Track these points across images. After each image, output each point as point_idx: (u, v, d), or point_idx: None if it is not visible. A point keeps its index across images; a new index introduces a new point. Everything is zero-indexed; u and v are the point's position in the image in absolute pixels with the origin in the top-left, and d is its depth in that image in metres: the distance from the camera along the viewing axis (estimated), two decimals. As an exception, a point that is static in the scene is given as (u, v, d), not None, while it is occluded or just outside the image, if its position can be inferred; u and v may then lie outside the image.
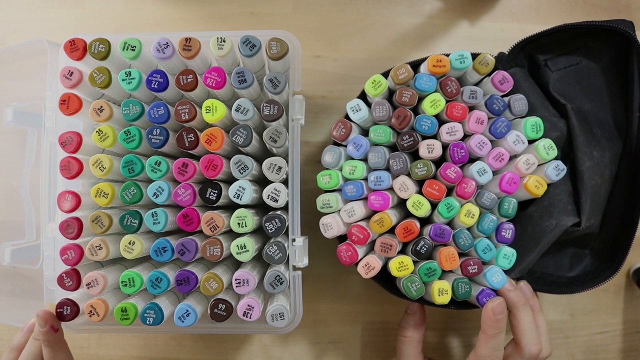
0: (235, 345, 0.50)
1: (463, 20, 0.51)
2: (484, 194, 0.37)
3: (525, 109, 0.37)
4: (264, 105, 0.35)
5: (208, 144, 0.34)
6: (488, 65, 0.37)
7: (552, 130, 0.39)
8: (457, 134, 0.36)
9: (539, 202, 0.40)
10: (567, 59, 0.42)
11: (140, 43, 0.35)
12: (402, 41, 0.51)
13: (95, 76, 0.35)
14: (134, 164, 0.35)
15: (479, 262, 0.37)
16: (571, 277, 0.43)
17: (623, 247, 0.41)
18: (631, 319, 0.51)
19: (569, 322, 0.51)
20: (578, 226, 0.39)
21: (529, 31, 0.41)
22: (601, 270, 0.42)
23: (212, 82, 0.34)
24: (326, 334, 0.50)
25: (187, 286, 0.35)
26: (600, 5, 0.51)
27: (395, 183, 0.37)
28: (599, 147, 0.40)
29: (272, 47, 0.35)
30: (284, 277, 0.36)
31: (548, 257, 0.43)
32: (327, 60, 0.51)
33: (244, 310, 0.35)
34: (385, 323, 0.50)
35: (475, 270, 0.37)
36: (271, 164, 0.36)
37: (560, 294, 0.42)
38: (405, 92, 0.36)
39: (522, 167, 0.37)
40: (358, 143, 0.37)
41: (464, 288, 0.37)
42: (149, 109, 0.34)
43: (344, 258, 0.37)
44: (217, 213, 0.35)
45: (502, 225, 0.38)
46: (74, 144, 0.34)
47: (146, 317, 0.34)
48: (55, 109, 0.38)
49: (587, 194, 0.38)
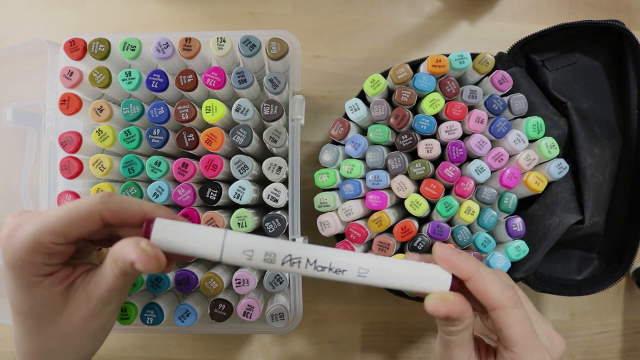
0: (235, 345, 0.50)
1: (463, 20, 0.51)
2: (484, 189, 0.37)
3: (525, 108, 0.37)
4: (264, 105, 0.35)
5: (208, 144, 0.34)
6: (488, 64, 0.37)
7: (553, 128, 0.39)
8: (455, 133, 0.36)
9: (541, 201, 0.40)
10: (564, 59, 0.42)
11: (140, 43, 0.35)
12: (402, 41, 0.51)
13: (95, 76, 0.35)
14: (134, 164, 0.35)
15: (479, 254, 0.37)
16: (580, 280, 0.43)
17: (632, 247, 0.41)
18: (631, 319, 0.51)
19: (569, 322, 0.51)
20: (581, 223, 0.39)
21: (528, 31, 0.41)
22: (610, 272, 0.42)
23: (212, 82, 0.34)
24: (326, 334, 0.50)
25: (187, 286, 0.35)
26: (600, 5, 0.51)
27: (393, 182, 0.37)
28: (599, 145, 0.40)
29: (272, 47, 0.35)
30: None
31: (555, 262, 0.43)
32: (327, 60, 0.51)
33: (244, 310, 0.35)
34: (385, 323, 0.50)
35: None
36: (271, 164, 0.36)
37: (571, 296, 0.42)
38: (405, 92, 0.36)
39: (523, 163, 0.37)
40: (356, 142, 0.37)
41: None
42: (149, 109, 0.35)
43: (343, 257, 0.37)
44: (217, 213, 0.35)
45: (510, 220, 0.38)
46: (74, 144, 0.34)
47: (146, 317, 0.34)
48: (55, 109, 0.38)
49: (590, 191, 0.38)
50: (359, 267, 0.25)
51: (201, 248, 0.25)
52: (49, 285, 0.26)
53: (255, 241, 0.25)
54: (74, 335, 0.27)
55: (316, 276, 0.26)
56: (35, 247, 0.25)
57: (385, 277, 0.26)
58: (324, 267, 0.25)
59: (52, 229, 0.25)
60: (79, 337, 0.27)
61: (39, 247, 0.25)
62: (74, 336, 0.27)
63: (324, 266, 0.25)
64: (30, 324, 0.27)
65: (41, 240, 0.25)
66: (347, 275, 0.25)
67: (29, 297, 0.26)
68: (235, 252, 0.25)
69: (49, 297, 0.26)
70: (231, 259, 0.25)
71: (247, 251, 0.25)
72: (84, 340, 0.28)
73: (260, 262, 0.25)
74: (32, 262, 0.25)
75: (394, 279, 0.26)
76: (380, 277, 0.26)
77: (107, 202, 0.26)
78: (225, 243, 0.25)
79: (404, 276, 0.26)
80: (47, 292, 0.26)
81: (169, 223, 0.26)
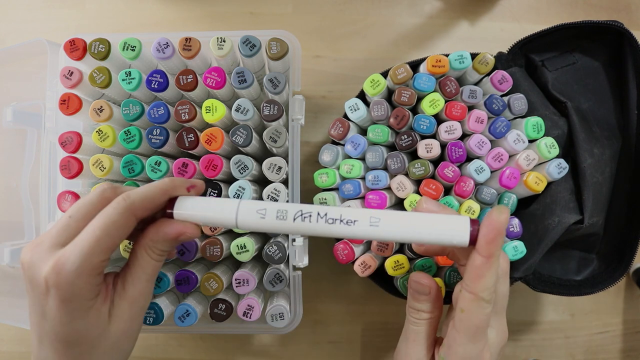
0: (235, 345, 0.50)
1: (463, 20, 0.51)
2: (483, 190, 0.37)
3: (524, 108, 0.37)
4: (264, 105, 0.35)
5: (208, 144, 0.34)
6: (487, 64, 0.37)
7: (553, 128, 0.39)
8: (455, 133, 0.36)
9: (541, 200, 0.40)
10: (564, 59, 0.42)
11: (140, 43, 0.35)
12: (402, 41, 0.51)
13: (95, 76, 0.35)
14: (134, 164, 0.35)
15: None
16: (579, 280, 0.43)
17: (631, 247, 0.41)
18: (631, 319, 0.51)
19: (569, 322, 0.51)
20: (581, 223, 0.39)
21: (529, 31, 0.41)
22: (610, 272, 0.42)
23: (212, 82, 0.34)
24: (326, 334, 0.50)
25: (187, 286, 0.35)
26: (600, 5, 0.51)
27: (392, 182, 0.37)
28: (599, 145, 0.40)
29: (272, 47, 0.35)
30: (284, 275, 0.36)
31: (554, 262, 0.43)
32: (327, 60, 0.51)
33: (244, 310, 0.35)
34: (385, 323, 0.50)
35: None
36: (271, 164, 0.36)
37: (570, 296, 0.42)
38: (404, 92, 0.36)
39: (522, 163, 0.37)
40: (356, 142, 0.37)
41: (456, 277, 0.37)
42: (149, 109, 0.35)
43: (341, 256, 0.37)
44: (216, 213, 0.35)
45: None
46: (74, 144, 0.34)
47: (146, 317, 0.34)
48: (55, 109, 0.38)
49: (589, 191, 0.38)
50: (370, 216, 0.25)
51: (219, 216, 0.27)
52: (100, 305, 0.26)
53: (267, 203, 0.27)
54: (121, 342, 0.28)
55: (328, 232, 0.25)
56: (90, 272, 0.25)
57: (399, 227, 0.25)
58: (335, 219, 0.25)
59: (98, 248, 0.25)
60: (125, 341, 0.28)
61: (93, 271, 0.25)
62: (121, 342, 0.28)
63: (335, 218, 0.25)
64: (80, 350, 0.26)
65: (93, 262, 0.25)
66: (359, 226, 0.25)
67: (81, 323, 0.26)
68: (249, 214, 0.26)
69: (99, 316, 0.26)
70: (246, 222, 0.26)
71: (260, 210, 0.26)
72: (130, 342, 0.29)
73: (273, 221, 0.26)
74: (88, 288, 0.25)
75: (409, 229, 0.25)
76: (393, 227, 0.25)
77: (132, 203, 0.26)
78: (239, 209, 0.26)
79: (420, 226, 0.25)
80: (98, 312, 0.26)
81: (188, 199, 0.28)
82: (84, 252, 0.24)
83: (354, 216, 0.25)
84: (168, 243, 0.28)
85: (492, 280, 0.25)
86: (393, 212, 0.26)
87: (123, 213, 0.26)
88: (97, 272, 0.25)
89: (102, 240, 0.25)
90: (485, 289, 0.25)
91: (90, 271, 0.25)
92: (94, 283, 0.26)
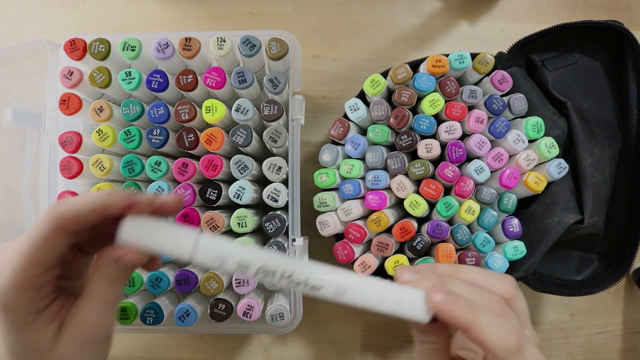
0: (235, 345, 0.50)
1: (463, 20, 0.51)
2: (483, 190, 0.37)
3: (524, 108, 0.37)
4: (264, 105, 0.35)
5: (208, 144, 0.34)
6: (487, 64, 0.37)
7: (553, 128, 0.39)
8: (455, 133, 0.36)
9: (541, 200, 0.40)
10: (564, 59, 0.42)
11: (140, 43, 0.35)
12: (402, 41, 0.51)
13: (95, 76, 0.35)
14: (134, 164, 0.35)
15: (477, 254, 0.37)
16: (580, 280, 0.43)
17: (631, 248, 0.41)
18: (631, 319, 0.51)
19: (569, 322, 0.51)
20: (581, 223, 0.39)
21: (529, 31, 0.41)
22: (610, 272, 0.42)
23: (212, 82, 0.34)
24: (326, 334, 0.50)
25: (187, 286, 0.35)
26: (600, 5, 0.51)
27: (392, 182, 0.37)
28: (599, 145, 0.40)
29: (272, 47, 0.35)
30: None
31: (555, 262, 0.43)
32: (327, 60, 0.51)
33: (244, 310, 0.35)
34: (385, 323, 0.50)
35: (472, 263, 0.37)
36: (271, 164, 0.36)
37: (570, 296, 0.42)
38: (404, 92, 0.36)
39: (522, 164, 0.37)
40: (356, 142, 0.37)
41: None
42: (149, 109, 0.35)
43: (341, 256, 0.37)
44: (217, 213, 0.35)
45: (506, 222, 0.38)
46: (74, 144, 0.34)
47: (146, 317, 0.34)
48: (55, 109, 0.38)
49: (589, 191, 0.38)
50: (336, 287, 0.24)
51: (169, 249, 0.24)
52: (44, 323, 0.25)
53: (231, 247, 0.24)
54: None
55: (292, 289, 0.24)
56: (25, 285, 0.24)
57: (364, 299, 0.24)
58: (299, 282, 0.24)
59: (26, 261, 0.23)
60: None
61: (29, 285, 0.24)
62: None
63: (299, 281, 0.24)
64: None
65: (25, 275, 0.23)
66: (324, 292, 0.24)
67: (21, 337, 0.25)
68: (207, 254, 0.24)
69: (43, 334, 0.25)
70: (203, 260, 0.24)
71: (218, 258, 0.24)
72: None
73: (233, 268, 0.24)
74: (25, 301, 0.24)
75: (373, 302, 0.24)
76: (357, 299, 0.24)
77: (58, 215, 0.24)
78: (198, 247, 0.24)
79: (384, 301, 0.24)
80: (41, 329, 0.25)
81: (137, 222, 0.24)
82: (14, 264, 0.23)
83: (320, 283, 0.24)
84: (112, 268, 0.25)
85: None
86: (362, 283, 0.24)
87: (48, 225, 0.24)
88: (36, 287, 0.24)
89: (29, 253, 0.23)
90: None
91: (25, 285, 0.23)
92: (34, 298, 0.24)
